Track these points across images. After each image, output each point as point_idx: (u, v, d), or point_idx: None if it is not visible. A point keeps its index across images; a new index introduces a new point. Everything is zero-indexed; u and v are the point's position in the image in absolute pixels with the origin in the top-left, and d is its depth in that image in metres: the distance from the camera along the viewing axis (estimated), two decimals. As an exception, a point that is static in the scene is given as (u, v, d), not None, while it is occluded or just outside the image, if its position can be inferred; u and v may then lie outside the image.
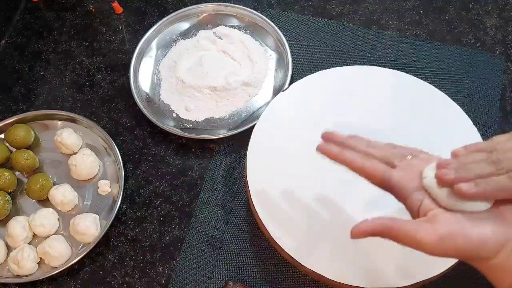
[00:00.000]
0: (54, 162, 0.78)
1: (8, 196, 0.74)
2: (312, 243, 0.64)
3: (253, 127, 0.72)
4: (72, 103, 0.83)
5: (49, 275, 0.69)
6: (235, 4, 0.88)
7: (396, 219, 0.46)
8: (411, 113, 0.72)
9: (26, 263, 0.69)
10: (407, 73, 0.75)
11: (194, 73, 0.81)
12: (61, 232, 0.73)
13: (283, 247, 0.63)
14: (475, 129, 0.70)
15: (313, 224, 0.65)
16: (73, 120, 0.80)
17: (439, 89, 0.73)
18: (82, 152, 0.76)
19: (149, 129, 0.80)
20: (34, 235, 0.72)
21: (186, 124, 0.80)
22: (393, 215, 0.67)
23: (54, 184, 0.75)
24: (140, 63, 0.85)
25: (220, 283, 0.68)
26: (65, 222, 0.73)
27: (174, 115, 0.80)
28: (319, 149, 0.55)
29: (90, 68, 0.87)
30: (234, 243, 0.71)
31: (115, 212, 0.72)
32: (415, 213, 0.47)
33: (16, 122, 0.80)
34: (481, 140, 0.69)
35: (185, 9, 0.88)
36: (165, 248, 0.72)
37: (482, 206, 0.45)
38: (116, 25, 0.90)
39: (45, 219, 0.71)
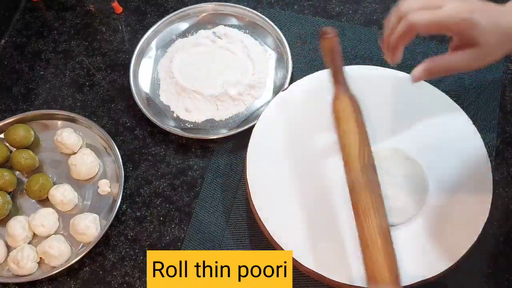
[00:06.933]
0: (54, 162, 0.78)
1: (8, 196, 0.74)
2: (312, 243, 0.64)
3: (253, 127, 0.72)
4: (72, 103, 0.83)
5: (49, 275, 0.69)
6: (235, 3, 0.88)
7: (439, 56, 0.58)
8: (411, 113, 0.72)
9: (26, 263, 0.69)
10: (407, 72, 0.75)
11: (193, 74, 0.81)
12: (61, 232, 0.73)
13: (283, 247, 0.63)
14: (475, 129, 0.70)
15: (313, 224, 0.65)
16: (73, 120, 0.80)
17: (439, 89, 0.73)
18: (82, 152, 0.76)
19: (149, 129, 0.80)
20: (34, 235, 0.72)
21: (186, 124, 0.80)
22: (391, 215, 0.67)
23: (54, 184, 0.75)
24: (140, 63, 0.85)
25: (220, 283, 0.69)
26: (65, 222, 0.73)
27: (174, 115, 0.80)
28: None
29: (90, 68, 0.87)
30: (234, 243, 0.71)
31: (115, 212, 0.72)
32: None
33: (16, 122, 0.79)
34: (481, 141, 0.69)
35: (185, 8, 0.88)
36: (165, 248, 0.72)
37: None
38: (116, 25, 0.90)
39: (45, 219, 0.71)
